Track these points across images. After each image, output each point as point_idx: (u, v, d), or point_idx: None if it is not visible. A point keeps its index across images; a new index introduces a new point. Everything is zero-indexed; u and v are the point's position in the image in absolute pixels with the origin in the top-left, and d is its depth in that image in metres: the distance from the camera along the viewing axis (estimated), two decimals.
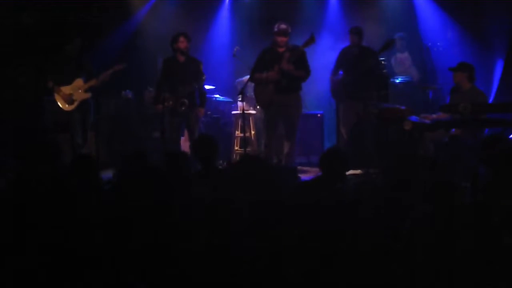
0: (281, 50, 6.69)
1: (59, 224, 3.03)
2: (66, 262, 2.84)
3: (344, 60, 7.41)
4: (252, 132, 8.00)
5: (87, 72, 6.99)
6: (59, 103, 6.92)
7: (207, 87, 7.33)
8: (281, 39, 6.65)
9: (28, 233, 2.98)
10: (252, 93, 7.29)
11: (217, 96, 8.32)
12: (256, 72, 6.76)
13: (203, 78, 6.82)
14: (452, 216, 2.81)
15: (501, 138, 4.34)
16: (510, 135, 6.50)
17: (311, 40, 6.59)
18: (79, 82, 6.96)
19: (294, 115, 6.79)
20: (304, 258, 2.69)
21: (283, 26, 6.67)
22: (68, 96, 6.90)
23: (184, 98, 6.74)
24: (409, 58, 8.65)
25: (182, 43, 6.82)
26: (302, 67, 6.70)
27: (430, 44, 8.32)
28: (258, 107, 7.71)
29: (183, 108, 6.76)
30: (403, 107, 6.99)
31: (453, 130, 6.28)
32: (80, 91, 6.95)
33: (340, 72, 7.55)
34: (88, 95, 6.98)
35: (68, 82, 6.93)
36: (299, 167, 6.67)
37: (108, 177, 3.91)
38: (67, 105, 6.92)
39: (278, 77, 6.60)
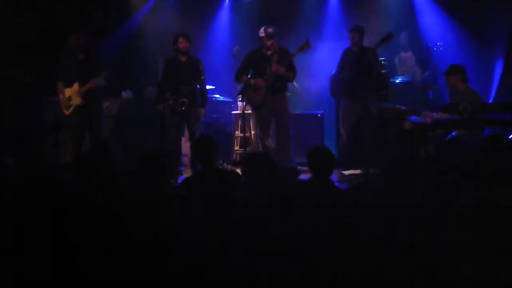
0: (269, 53, 6.73)
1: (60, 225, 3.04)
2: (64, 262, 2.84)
3: (345, 61, 7.41)
4: (252, 132, 7.99)
5: (91, 75, 6.66)
6: (61, 105, 6.74)
7: (207, 87, 7.34)
8: (270, 42, 6.69)
9: (27, 233, 2.98)
10: None
11: (217, 96, 8.32)
12: (242, 75, 6.81)
13: (202, 77, 6.83)
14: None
15: (501, 138, 4.33)
16: (510, 135, 6.51)
17: (306, 46, 6.61)
18: (76, 86, 6.71)
19: (283, 115, 6.85)
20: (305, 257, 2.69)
21: (270, 29, 6.72)
22: (67, 100, 6.70)
23: (184, 97, 6.76)
24: (413, 57, 8.67)
25: (181, 44, 6.84)
26: (291, 69, 6.78)
27: (430, 44, 8.33)
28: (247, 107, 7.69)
29: (183, 108, 6.77)
30: (403, 107, 6.99)
31: (453, 133, 6.29)
32: (76, 96, 6.70)
33: None
34: (80, 100, 6.67)
35: (69, 84, 6.72)
36: (299, 167, 6.67)
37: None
38: (64, 110, 6.72)
39: (272, 81, 6.65)
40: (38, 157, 4.06)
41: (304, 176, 6.18)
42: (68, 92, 6.72)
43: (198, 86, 6.89)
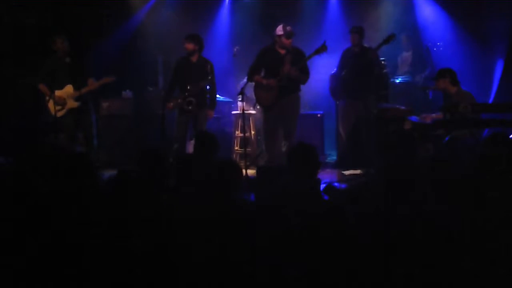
0: (282, 52, 6.68)
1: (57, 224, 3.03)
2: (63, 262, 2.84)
3: (345, 60, 7.41)
4: (252, 132, 8.00)
5: (80, 78, 6.75)
6: (49, 108, 6.67)
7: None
8: (289, 42, 6.63)
9: (26, 233, 2.98)
10: (252, 93, 7.28)
11: (217, 96, 8.32)
12: (254, 73, 6.76)
13: (208, 78, 6.83)
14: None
15: (503, 137, 4.33)
16: (511, 135, 6.50)
17: (322, 48, 6.56)
18: (69, 88, 6.73)
19: (293, 116, 6.79)
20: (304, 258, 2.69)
21: (289, 28, 6.63)
22: (57, 102, 6.63)
23: (192, 97, 6.79)
24: (411, 56, 8.67)
25: (185, 45, 6.89)
26: (304, 71, 6.71)
27: (430, 44, 8.32)
28: (258, 107, 7.70)
29: (189, 107, 6.80)
30: (403, 107, 6.99)
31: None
32: (70, 98, 6.72)
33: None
34: (76, 104, 6.73)
35: (60, 86, 6.70)
36: None
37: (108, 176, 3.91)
38: (54, 112, 6.61)
39: (284, 82, 6.59)
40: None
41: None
42: (58, 94, 6.69)
43: (208, 87, 6.91)
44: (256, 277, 2.66)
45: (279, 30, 6.64)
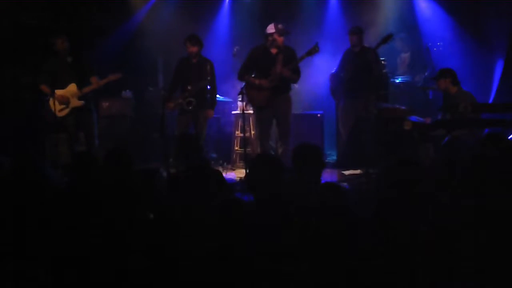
0: (273, 51, 6.67)
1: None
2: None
3: (346, 60, 7.41)
4: (252, 132, 8.00)
5: (83, 77, 6.76)
6: (51, 107, 6.63)
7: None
8: (281, 39, 6.62)
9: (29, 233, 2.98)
10: None
11: (217, 96, 8.32)
12: (246, 73, 6.76)
13: (208, 78, 6.83)
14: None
15: (501, 137, 4.34)
16: (510, 135, 6.51)
17: (314, 49, 6.54)
18: (73, 87, 6.72)
19: (287, 115, 6.78)
20: (304, 257, 2.69)
21: (281, 25, 6.62)
22: (60, 101, 6.63)
23: (192, 97, 6.79)
24: (409, 57, 8.67)
25: (188, 48, 6.89)
26: (296, 71, 6.70)
27: (430, 44, 8.32)
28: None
29: (190, 108, 6.82)
30: (403, 107, 6.99)
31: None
32: (73, 97, 6.72)
33: None
34: (80, 103, 6.73)
35: (62, 86, 6.69)
36: None
37: None
38: (58, 112, 6.60)
39: (276, 82, 6.59)
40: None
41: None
42: (61, 93, 6.68)
43: (208, 87, 6.91)
44: (256, 277, 2.66)
45: (271, 28, 6.62)
